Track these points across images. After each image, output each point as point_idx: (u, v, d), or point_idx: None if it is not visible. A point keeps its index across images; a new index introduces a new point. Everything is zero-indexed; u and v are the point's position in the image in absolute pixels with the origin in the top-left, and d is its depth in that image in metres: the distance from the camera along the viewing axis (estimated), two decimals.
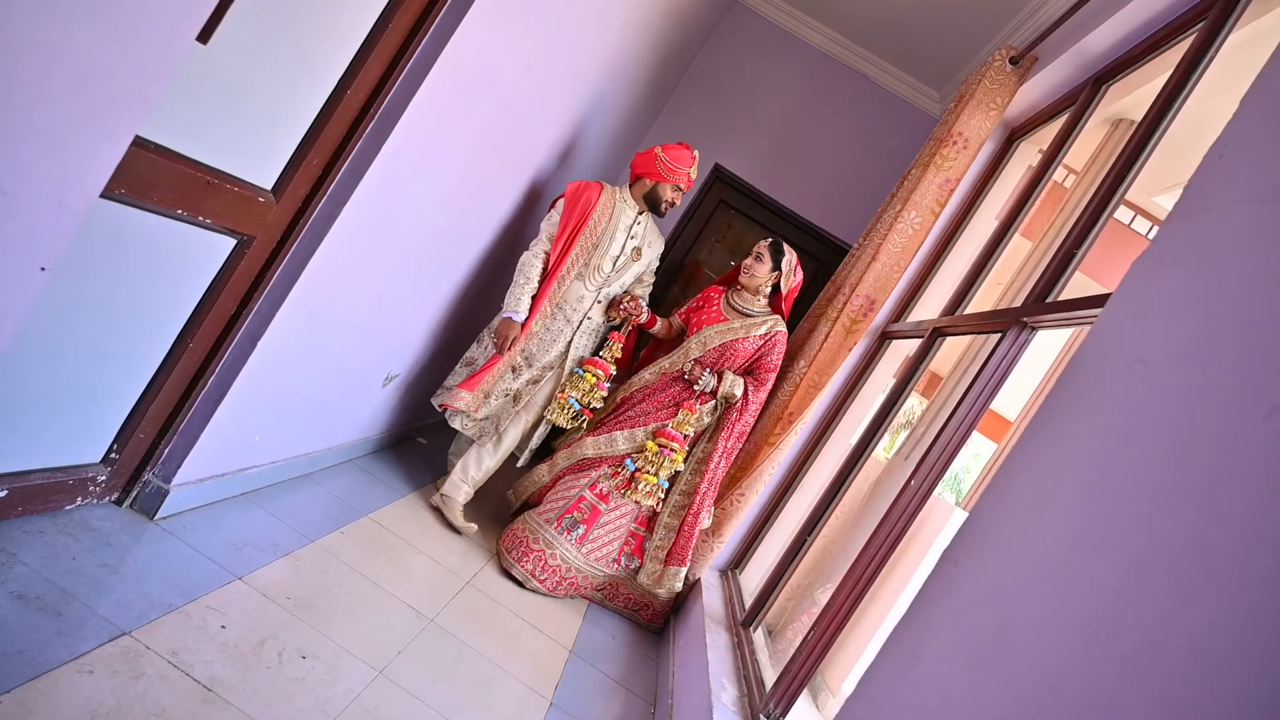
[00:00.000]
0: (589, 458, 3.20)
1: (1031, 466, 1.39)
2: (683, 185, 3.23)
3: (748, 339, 3.22)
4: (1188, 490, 1.01)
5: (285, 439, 2.50)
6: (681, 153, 3.19)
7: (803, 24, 4.62)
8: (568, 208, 3.08)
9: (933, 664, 1.30)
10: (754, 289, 3.27)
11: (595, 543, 3.10)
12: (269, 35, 1.55)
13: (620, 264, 3.23)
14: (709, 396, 3.21)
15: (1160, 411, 1.14)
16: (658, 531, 3.18)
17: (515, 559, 3.05)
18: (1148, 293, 1.36)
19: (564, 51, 2.79)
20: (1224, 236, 1.27)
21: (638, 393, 3.30)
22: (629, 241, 3.23)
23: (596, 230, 3.12)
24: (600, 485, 3.15)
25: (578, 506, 3.12)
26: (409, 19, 1.87)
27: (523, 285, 3.06)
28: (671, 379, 3.27)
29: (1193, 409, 1.09)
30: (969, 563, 1.39)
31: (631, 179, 3.26)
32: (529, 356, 3.16)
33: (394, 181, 2.15)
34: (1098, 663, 0.95)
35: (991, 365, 2.27)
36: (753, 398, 3.21)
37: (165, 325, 1.79)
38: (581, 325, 3.22)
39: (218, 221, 1.70)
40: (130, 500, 1.98)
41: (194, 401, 1.98)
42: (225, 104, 1.55)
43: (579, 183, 3.12)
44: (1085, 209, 2.35)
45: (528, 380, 3.19)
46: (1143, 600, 0.94)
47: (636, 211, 3.24)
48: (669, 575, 3.13)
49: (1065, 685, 0.97)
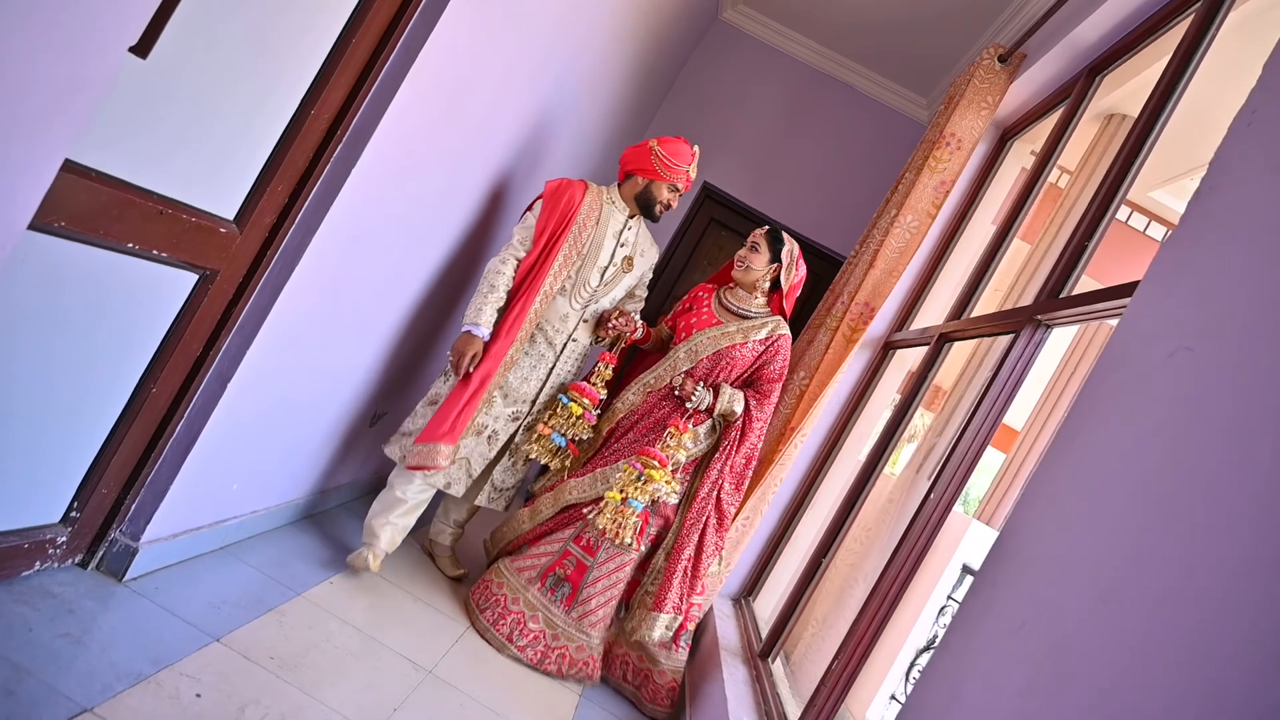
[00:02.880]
0: (572, 503, 2.70)
1: (1069, 472, 1.26)
2: (680, 185, 2.75)
3: (745, 344, 2.74)
4: (1254, 485, 0.89)
5: (266, 486, 2.36)
6: (680, 147, 2.73)
7: (785, 38, 4.57)
8: (546, 209, 2.62)
9: (981, 696, 1.17)
10: (750, 285, 2.81)
11: (586, 604, 2.59)
12: (223, 53, 1.44)
13: (609, 276, 2.76)
14: (704, 415, 2.73)
15: (1214, 400, 1.02)
16: (649, 575, 2.72)
17: (490, 620, 2.57)
18: (1184, 275, 1.25)
19: (543, 67, 2.70)
20: (1263, 206, 1.16)
21: (625, 420, 2.79)
22: (619, 250, 2.76)
23: (581, 237, 2.66)
24: (586, 535, 2.65)
25: (561, 562, 2.63)
26: (375, 31, 1.77)
27: (486, 295, 2.55)
28: (661, 397, 2.76)
29: (1250, 394, 0.97)
30: (1009, 582, 1.26)
31: (621, 177, 2.80)
32: (504, 387, 2.67)
33: (368, 206, 2.04)
34: (1182, 684, 0.82)
35: (1007, 367, 2.15)
36: (756, 414, 2.72)
37: (124, 370, 1.67)
38: (566, 349, 2.76)
39: (176, 255, 1.58)
40: (96, 561, 1.84)
41: (161, 451, 1.85)
42: (177, 128, 1.44)
43: (559, 180, 2.68)
44: (1091, 201, 2.25)
45: (506, 416, 2.70)
46: (1230, 615, 0.81)
47: (627, 215, 2.78)
48: (646, 621, 2.60)
49: (1148, 710, 0.84)
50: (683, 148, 2.74)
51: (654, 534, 2.71)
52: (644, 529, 2.62)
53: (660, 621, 2.58)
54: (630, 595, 2.74)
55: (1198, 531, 0.90)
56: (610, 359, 2.81)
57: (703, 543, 2.68)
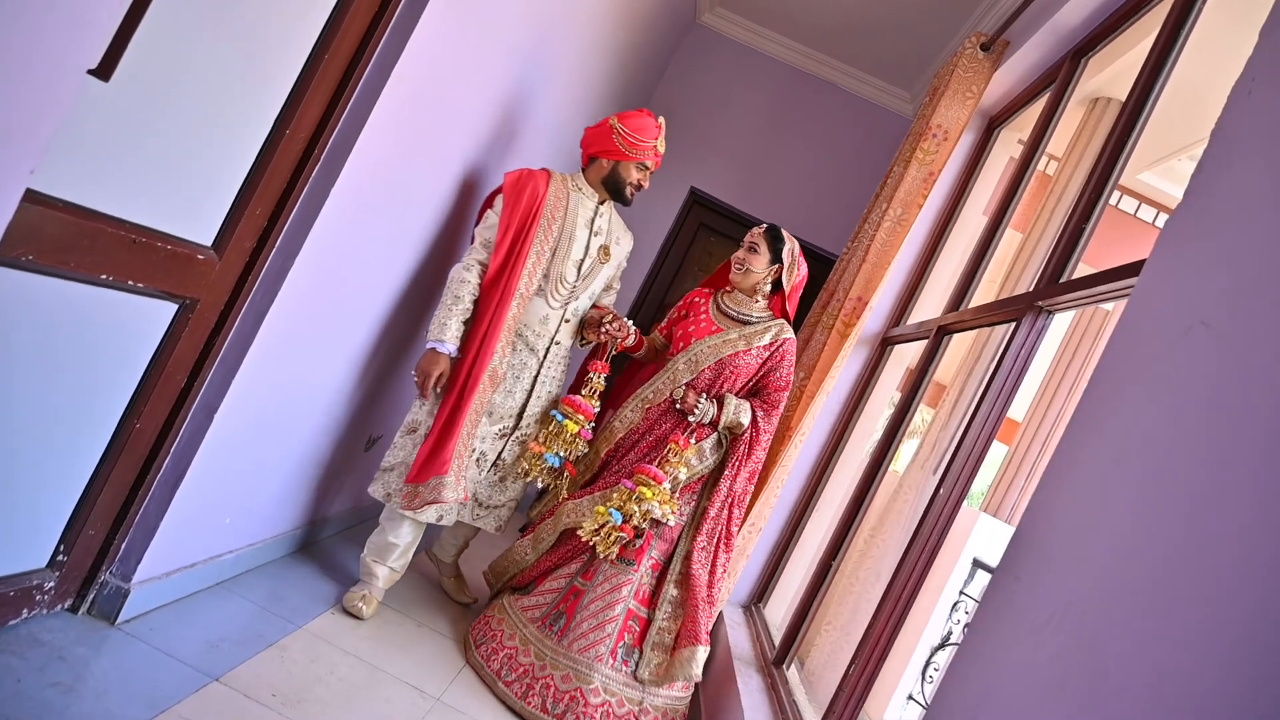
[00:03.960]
0: (572, 526, 2.51)
1: (1089, 459, 1.22)
2: (649, 163, 2.53)
3: (749, 352, 2.54)
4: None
5: (260, 518, 2.31)
6: (643, 121, 2.49)
7: (765, 38, 4.56)
8: (509, 204, 2.37)
9: (1010, 697, 1.12)
10: (749, 288, 2.62)
11: (577, 629, 2.35)
12: (192, 74, 1.40)
13: (587, 269, 2.54)
14: (708, 429, 2.54)
15: (1238, 374, 0.98)
16: (661, 608, 2.43)
17: (483, 655, 2.40)
18: (1193, 249, 1.21)
19: (522, 79, 2.67)
20: (1270, 175, 1.13)
21: (625, 439, 2.59)
22: (593, 239, 2.55)
23: (552, 230, 2.44)
24: (593, 567, 2.48)
25: (567, 599, 2.44)
26: (349, 45, 1.73)
27: (450, 308, 2.32)
28: (661, 412, 2.56)
29: (1276, 365, 0.93)
30: (1032, 576, 1.21)
31: (584, 161, 2.58)
32: (490, 405, 2.47)
33: (351, 224, 2.00)
34: (1233, 678, 0.77)
35: (1010, 356, 2.11)
36: (763, 426, 2.54)
37: (106, 405, 1.62)
38: (549, 354, 2.54)
39: (153, 285, 1.53)
40: (87, 605, 1.78)
41: (149, 487, 1.79)
42: (148, 154, 1.40)
43: (519, 171, 2.43)
44: (1085, 185, 2.21)
45: (494, 435, 2.50)
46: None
47: (596, 201, 2.57)
48: (681, 662, 2.35)
49: (1198, 707, 0.79)
50: (646, 121, 2.50)
51: (657, 559, 2.50)
52: (644, 549, 2.46)
53: (697, 656, 2.35)
54: (642, 638, 2.43)
55: (1239, 511, 0.86)
56: (602, 368, 2.59)
57: (714, 564, 2.49)
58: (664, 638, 2.40)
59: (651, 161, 2.54)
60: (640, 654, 2.39)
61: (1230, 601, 0.81)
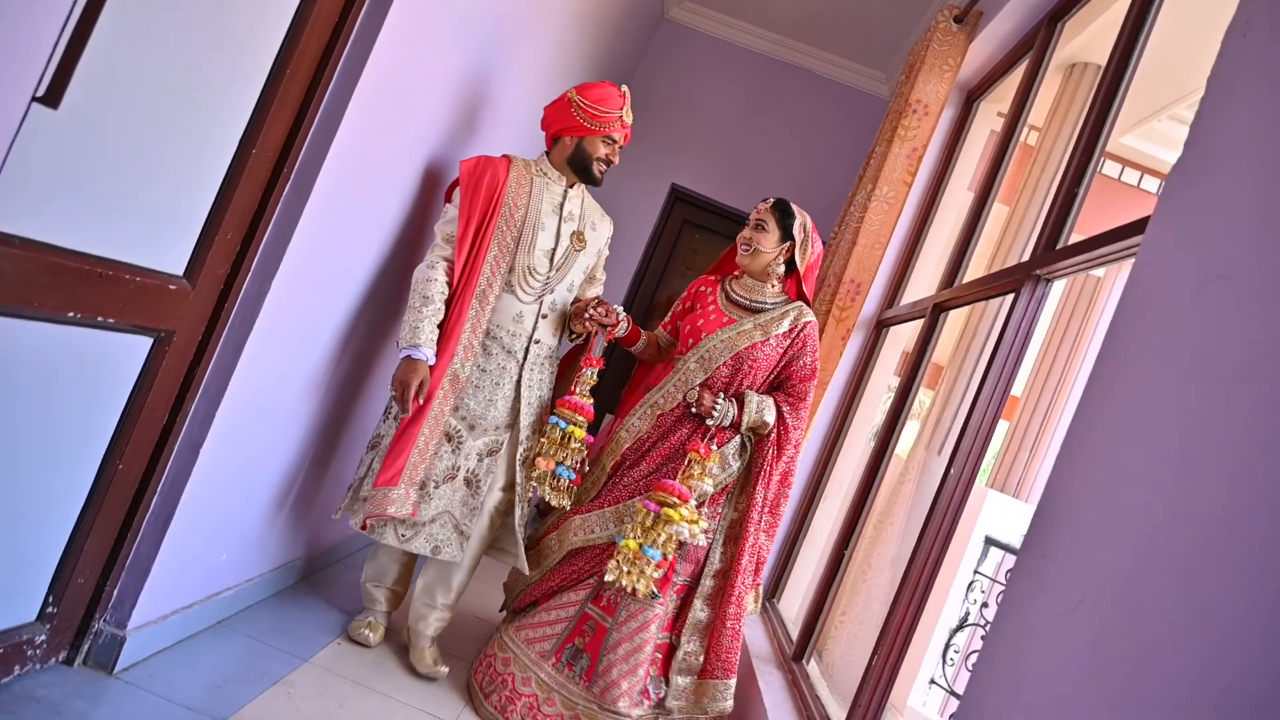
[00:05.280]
0: (578, 547, 2.24)
1: (1109, 427, 1.17)
2: (616, 136, 2.32)
3: (767, 342, 2.27)
4: None
5: (257, 551, 2.24)
6: (605, 91, 2.28)
7: (735, 29, 4.52)
8: (467, 195, 2.18)
9: (1046, 682, 1.07)
10: (759, 271, 2.34)
11: (607, 675, 2.12)
12: (148, 97, 1.34)
13: (560, 259, 2.32)
14: (729, 432, 2.26)
15: (1262, 326, 0.94)
16: (686, 632, 2.21)
17: (496, 706, 2.15)
18: (1200, 202, 1.16)
19: (490, 84, 2.62)
20: (1272, 118, 1.08)
21: (633, 449, 2.32)
22: (564, 226, 2.33)
23: (515, 218, 2.24)
24: (606, 593, 2.21)
25: (580, 629, 2.20)
26: (312, 56, 1.68)
27: (420, 310, 2.13)
28: (676, 419, 2.28)
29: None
30: (1059, 554, 1.16)
31: (548, 143, 2.39)
32: (468, 416, 2.23)
33: (327, 242, 1.94)
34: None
35: (1011, 328, 2.07)
36: (791, 422, 2.27)
37: (86, 448, 1.56)
38: (530, 355, 2.30)
39: (124, 320, 1.47)
40: (82, 656, 1.71)
41: (138, 529, 1.73)
42: (108, 183, 1.34)
43: (475, 159, 2.24)
44: (1074, 150, 2.17)
45: (481, 451, 2.25)
46: None
47: (565, 185, 2.36)
48: (710, 691, 2.17)
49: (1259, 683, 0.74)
50: (608, 91, 2.29)
51: (682, 584, 2.26)
52: (670, 578, 2.21)
53: (728, 689, 2.18)
54: (667, 667, 2.22)
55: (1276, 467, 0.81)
56: (596, 362, 2.34)
57: (745, 584, 2.24)
58: (691, 661, 2.20)
59: (619, 134, 2.33)
60: (667, 683, 2.20)
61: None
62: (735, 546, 2.23)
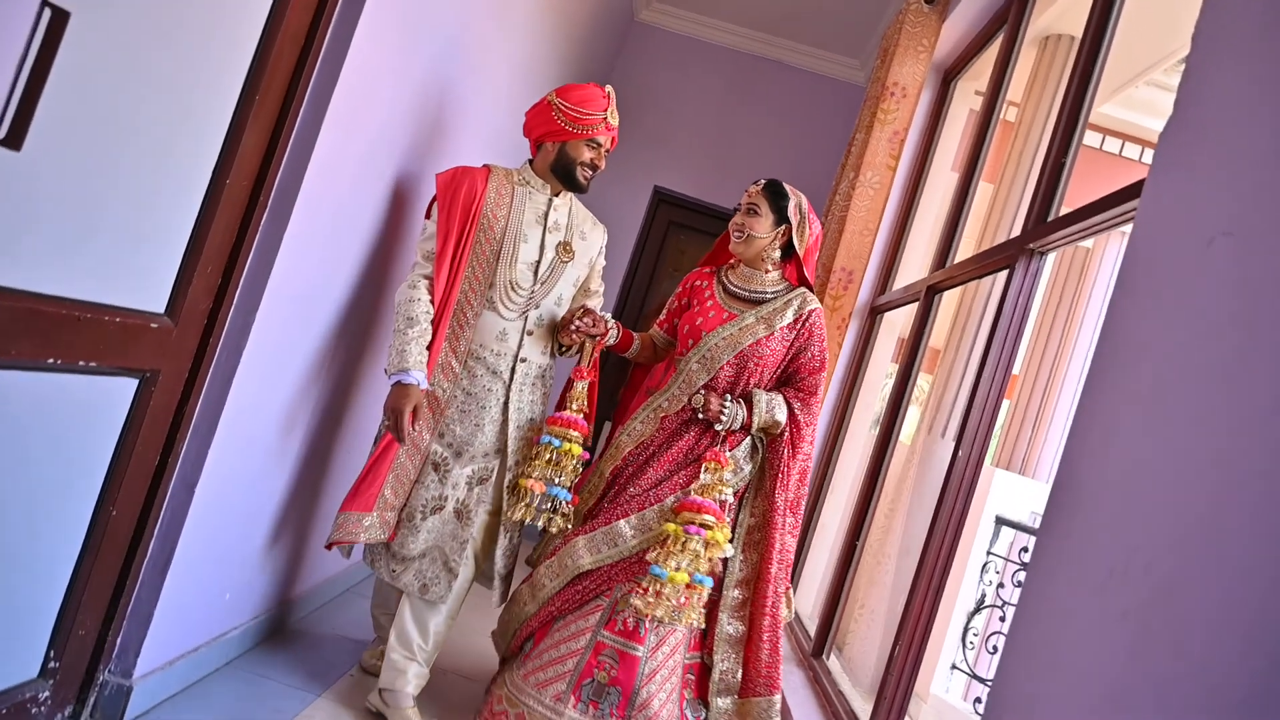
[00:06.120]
0: (586, 570, 2.04)
1: (1120, 396, 1.14)
2: (601, 140, 2.19)
3: (772, 336, 2.11)
4: None
5: (262, 588, 2.20)
6: (588, 92, 2.17)
7: (706, 26, 4.51)
8: (444, 209, 2.08)
9: (1083, 663, 1.04)
10: (754, 258, 2.18)
11: (646, 708, 1.95)
12: (114, 134, 1.31)
13: (545, 272, 2.18)
14: (740, 435, 2.13)
15: (1275, 280, 0.91)
16: (719, 649, 2.05)
17: None
18: (1197, 159, 1.14)
19: (464, 97, 2.59)
20: (1264, 66, 1.06)
21: (635, 454, 2.16)
22: (549, 236, 2.19)
23: (495, 230, 2.12)
24: (620, 615, 2.01)
25: (597, 663, 1.98)
26: (281, 79, 1.64)
27: (405, 332, 2.01)
28: (680, 423, 2.14)
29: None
30: (1083, 531, 1.13)
31: (532, 150, 2.27)
32: (454, 443, 2.10)
33: (310, 268, 1.91)
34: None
35: (1009, 304, 2.05)
36: (803, 418, 2.12)
37: (77, 496, 1.52)
38: (516, 375, 2.15)
39: (107, 362, 1.44)
40: (88, 710, 1.67)
41: (137, 575, 1.69)
42: (79, 223, 1.31)
43: (451, 170, 2.13)
44: (1057, 121, 2.15)
45: (470, 479, 2.11)
46: None
47: (549, 194, 2.22)
48: (754, 710, 2.01)
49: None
50: (590, 92, 2.17)
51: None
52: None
53: (773, 707, 2.02)
54: (703, 687, 2.07)
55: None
56: (585, 374, 2.19)
57: (779, 590, 2.09)
58: (729, 680, 2.04)
59: (604, 137, 2.19)
60: (706, 706, 2.05)
61: None
62: (758, 553, 2.09)
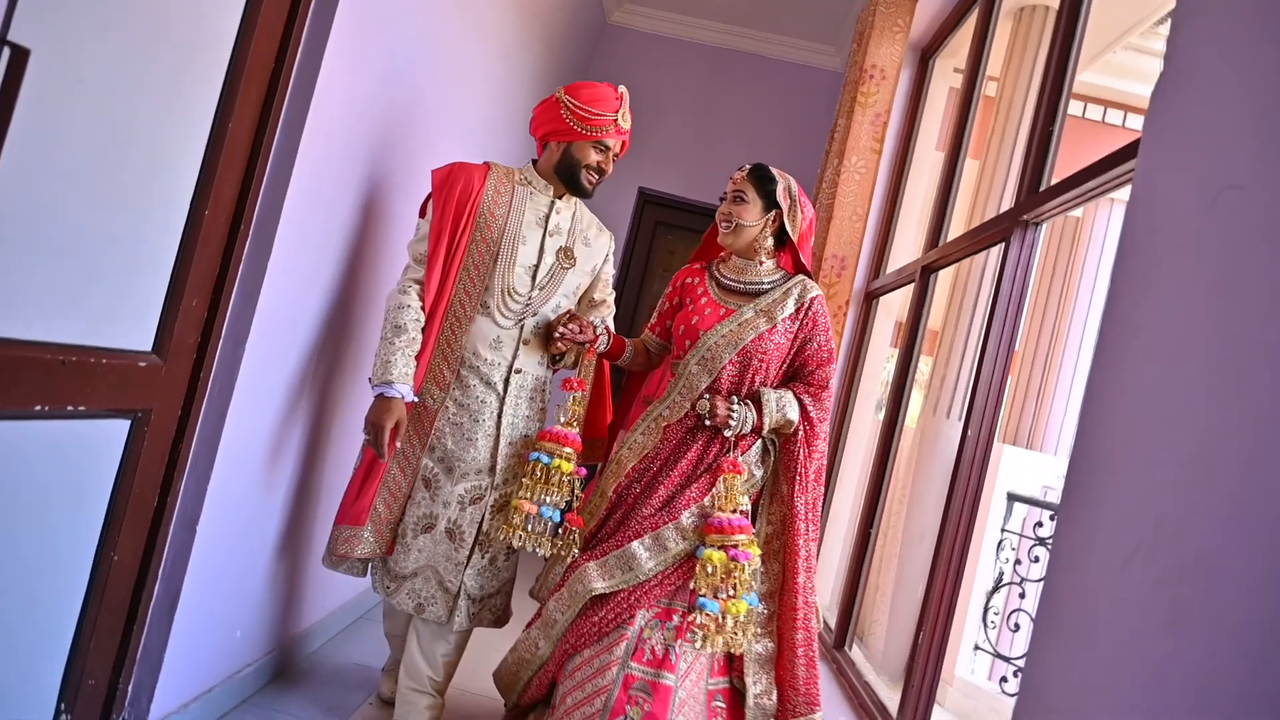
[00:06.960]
0: (599, 593, 1.84)
1: (1133, 364, 1.12)
2: (610, 143, 2.05)
3: (774, 329, 1.95)
4: None
5: (273, 621, 2.17)
6: (600, 91, 2.04)
7: (679, 24, 4.49)
8: (438, 207, 1.96)
9: (1120, 639, 1.01)
10: (746, 248, 2.02)
11: None
12: (85, 168, 1.28)
13: (544, 277, 2.05)
14: (751, 438, 1.97)
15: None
16: (749, 671, 1.87)
17: None
18: (1193, 114, 1.11)
19: (437, 106, 2.56)
20: (1251, 8, 1.03)
21: (638, 471, 1.98)
22: (549, 240, 2.07)
23: (492, 231, 1.99)
24: (647, 645, 1.83)
25: (628, 698, 1.78)
26: (255, 101, 1.61)
27: (392, 342, 1.89)
28: (685, 431, 1.97)
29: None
30: (1104, 503, 1.10)
31: (538, 150, 2.15)
32: (445, 458, 1.98)
33: (297, 292, 1.88)
34: None
35: (1007, 277, 2.03)
36: (817, 415, 1.96)
37: (76, 542, 1.48)
38: (511, 386, 2.03)
39: (96, 405, 1.40)
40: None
41: (144, 619, 1.65)
42: (58, 265, 1.27)
43: (448, 166, 2.02)
44: (1041, 91, 2.14)
45: (463, 498, 1.97)
46: None
47: (552, 195, 2.10)
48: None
49: None
50: (602, 91, 2.04)
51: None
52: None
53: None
54: (736, 715, 1.89)
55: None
56: (578, 385, 2.05)
57: (810, 598, 1.93)
58: (764, 703, 1.87)
59: (614, 140, 2.05)
60: None
61: None
62: (780, 563, 1.94)
